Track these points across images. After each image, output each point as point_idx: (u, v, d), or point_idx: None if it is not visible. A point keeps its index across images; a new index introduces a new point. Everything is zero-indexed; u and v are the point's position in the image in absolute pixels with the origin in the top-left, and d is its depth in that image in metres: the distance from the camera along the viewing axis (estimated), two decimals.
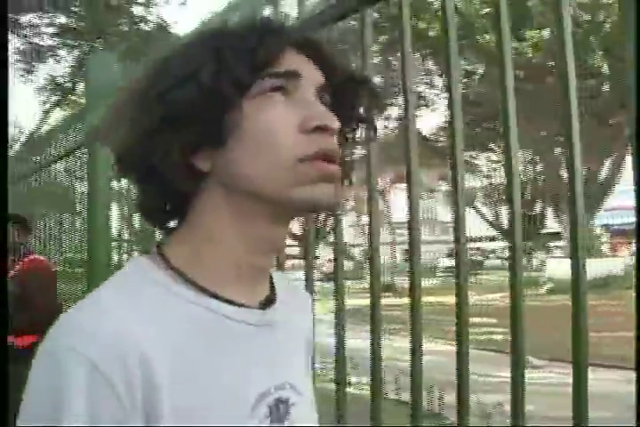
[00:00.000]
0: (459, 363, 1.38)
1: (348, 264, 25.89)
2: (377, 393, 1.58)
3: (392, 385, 6.17)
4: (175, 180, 0.86)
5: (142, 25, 19.44)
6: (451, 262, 26.56)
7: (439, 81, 24.56)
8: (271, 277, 0.99)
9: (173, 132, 0.84)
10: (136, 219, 3.15)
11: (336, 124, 0.86)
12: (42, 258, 4.83)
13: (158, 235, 1.79)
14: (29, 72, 22.36)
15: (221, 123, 0.84)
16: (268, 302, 0.95)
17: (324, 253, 29.87)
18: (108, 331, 0.78)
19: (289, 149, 0.84)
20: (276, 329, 0.93)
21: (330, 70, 0.92)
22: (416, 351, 1.45)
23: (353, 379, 6.34)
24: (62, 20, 19.91)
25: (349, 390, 1.84)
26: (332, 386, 1.70)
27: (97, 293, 0.86)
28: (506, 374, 1.36)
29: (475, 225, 37.96)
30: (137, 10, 19.70)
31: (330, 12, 1.71)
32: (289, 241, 24.01)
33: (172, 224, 0.95)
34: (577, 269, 1.20)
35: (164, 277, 0.87)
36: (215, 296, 0.87)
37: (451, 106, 1.46)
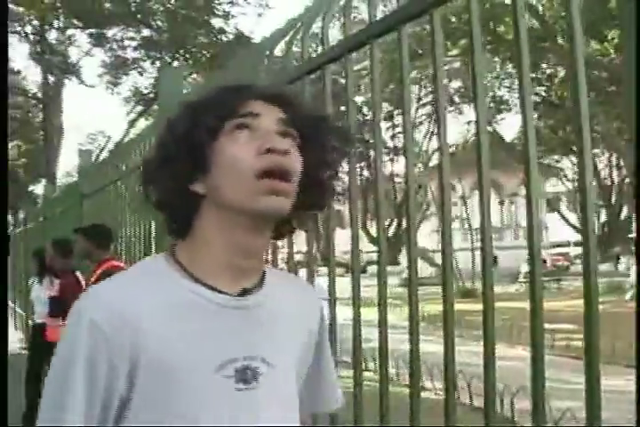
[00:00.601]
0: (533, 369, 1.37)
1: (430, 270, 25.64)
2: (450, 398, 1.58)
3: (466, 391, 6.12)
4: (178, 203, 1.19)
5: (221, 36, 19.81)
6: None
7: (516, 85, 24.17)
8: (264, 274, 1.25)
9: (172, 168, 1.17)
10: None
11: (284, 146, 1.14)
12: (119, 263, 4.93)
13: None
14: (115, 84, 23.10)
15: (204, 157, 1.16)
16: (248, 292, 1.20)
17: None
18: (110, 298, 1.14)
19: (248, 168, 1.12)
20: (256, 313, 1.20)
21: (294, 114, 1.20)
22: (489, 357, 1.45)
23: (436, 384, 6.25)
24: (145, 33, 20.49)
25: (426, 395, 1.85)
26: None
27: (119, 274, 1.24)
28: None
29: (560, 230, 37.11)
30: (216, 21, 20.09)
31: (399, 15, 1.80)
32: (370, 247, 24.35)
33: None
34: None
35: (168, 268, 1.19)
36: (203, 284, 1.17)
37: (523, 109, 1.45)
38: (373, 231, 24.97)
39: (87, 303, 1.15)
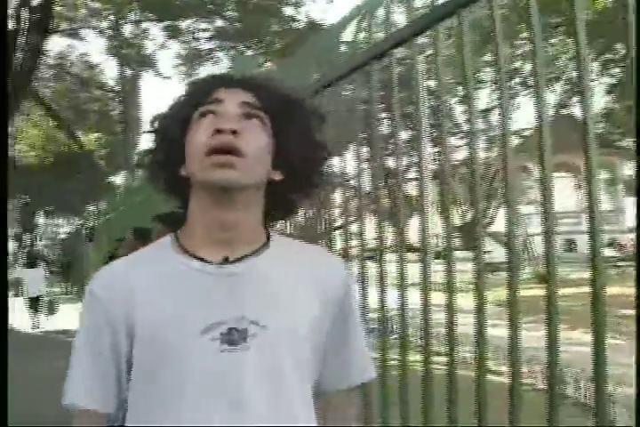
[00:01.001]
0: (595, 353, 1.36)
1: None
2: (515, 381, 1.58)
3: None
4: (174, 189, 1.39)
5: (293, 24, 19.86)
6: (610, 253, 25.30)
7: (594, 66, 23.43)
8: (267, 243, 1.36)
9: (163, 155, 1.37)
10: None
11: (232, 126, 1.26)
12: None
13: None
14: (190, 75, 23.45)
15: (180, 144, 1.32)
16: (238, 260, 1.31)
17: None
18: (108, 273, 1.36)
19: (201, 147, 1.27)
20: (247, 279, 1.31)
21: (262, 97, 1.33)
22: (553, 342, 1.44)
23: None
24: (218, 23, 20.71)
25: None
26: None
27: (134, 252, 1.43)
28: None
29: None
30: (287, 10, 20.15)
31: (431, 15, 1.92)
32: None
33: None
34: None
35: (170, 245, 1.36)
36: (192, 256, 1.31)
37: (582, 92, 1.43)
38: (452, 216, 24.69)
39: (92, 279, 1.36)
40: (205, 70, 22.89)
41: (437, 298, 2.11)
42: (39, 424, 6.41)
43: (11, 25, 15.79)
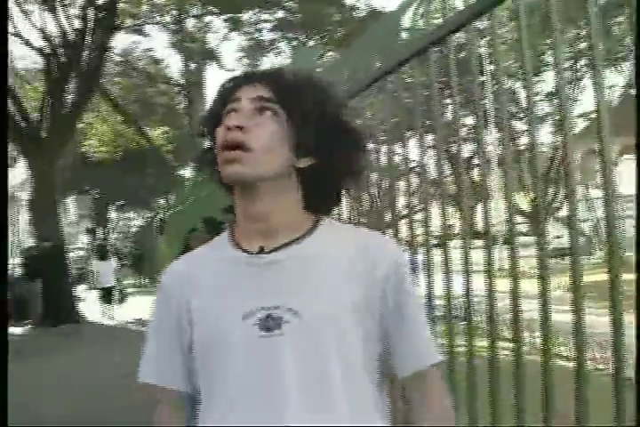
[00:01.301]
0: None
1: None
2: (580, 366, 1.57)
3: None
4: (220, 182, 1.45)
5: (354, 13, 19.78)
6: None
7: None
8: (311, 230, 1.42)
9: (211, 153, 1.44)
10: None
11: (234, 122, 1.34)
12: None
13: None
14: (254, 67, 23.61)
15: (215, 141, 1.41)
16: (275, 249, 1.38)
17: (552, 230, 28.86)
18: (174, 266, 1.52)
19: (219, 145, 1.36)
20: (286, 267, 1.37)
21: (274, 90, 1.38)
22: (617, 326, 1.43)
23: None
24: (279, 14, 20.78)
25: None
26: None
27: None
28: None
29: None
30: None
31: (467, 13, 1.97)
32: (519, 219, 23.65)
33: None
34: None
35: (226, 236, 1.47)
36: (237, 246, 1.42)
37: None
38: (521, 203, 24.37)
39: (164, 272, 1.53)
40: (268, 62, 23.05)
41: (503, 284, 2.11)
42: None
43: (77, 25, 16.19)
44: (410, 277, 1.42)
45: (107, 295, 16.17)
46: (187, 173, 22.42)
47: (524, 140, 22.94)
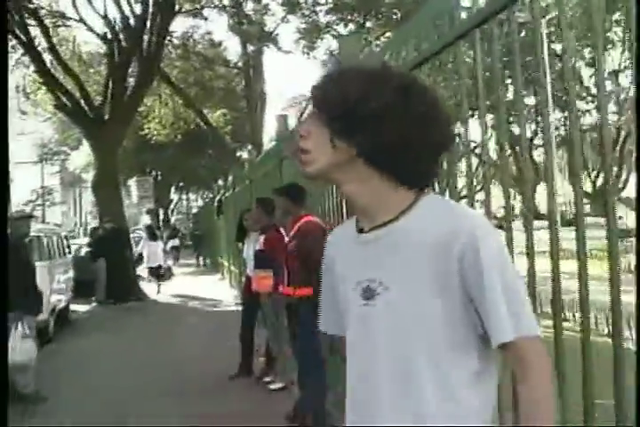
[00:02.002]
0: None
1: None
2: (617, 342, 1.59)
3: None
4: None
5: None
6: None
7: None
8: (408, 209, 1.54)
9: None
10: None
11: (300, 131, 1.58)
12: (314, 218, 5.24)
13: None
14: (311, 49, 23.61)
15: None
16: (373, 229, 1.58)
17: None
18: (334, 232, 1.83)
19: None
20: (383, 243, 1.55)
21: (314, 93, 1.59)
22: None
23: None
24: None
25: None
26: None
27: None
28: None
29: None
30: None
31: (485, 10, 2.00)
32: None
33: None
34: None
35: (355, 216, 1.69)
36: (357, 227, 1.64)
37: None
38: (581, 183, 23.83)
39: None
40: (325, 44, 23.00)
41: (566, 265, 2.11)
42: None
43: (139, 10, 16.44)
44: (492, 251, 1.44)
45: (156, 273, 16.76)
46: (244, 154, 22.59)
47: (587, 120, 22.42)
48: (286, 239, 5.42)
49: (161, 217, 37.74)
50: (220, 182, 16.91)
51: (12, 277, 6.50)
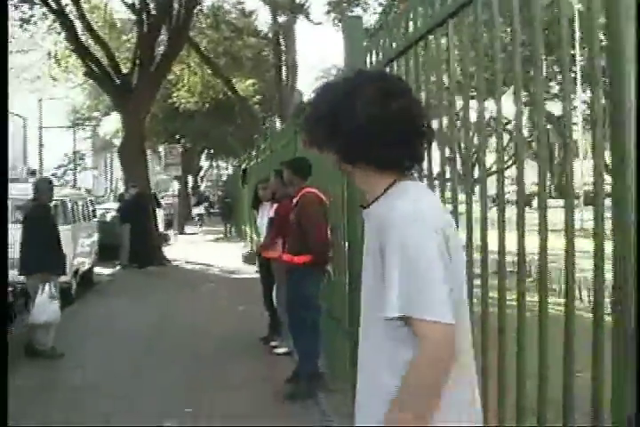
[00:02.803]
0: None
1: None
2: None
3: None
4: None
5: None
6: None
7: None
8: (379, 198, 1.81)
9: None
10: None
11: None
12: (312, 190, 5.48)
13: None
14: (340, 20, 23.52)
15: None
16: (365, 207, 1.87)
17: None
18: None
19: None
20: (367, 219, 1.88)
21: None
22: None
23: None
24: None
25: None
26: None
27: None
28: None
29: None
30: None
31: None
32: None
33: None
34: None
35: None
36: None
37: None
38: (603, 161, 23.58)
39: None
40: (355, 16, 22.87)
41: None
42: None
43: None
44: (400, 239, 1.66)
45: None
46: (272, 124, 22.73)
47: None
48: None
49: (190, 184, 38.03)
50: (249, 152, 17.10)
51: (37, 239, 6.82)
